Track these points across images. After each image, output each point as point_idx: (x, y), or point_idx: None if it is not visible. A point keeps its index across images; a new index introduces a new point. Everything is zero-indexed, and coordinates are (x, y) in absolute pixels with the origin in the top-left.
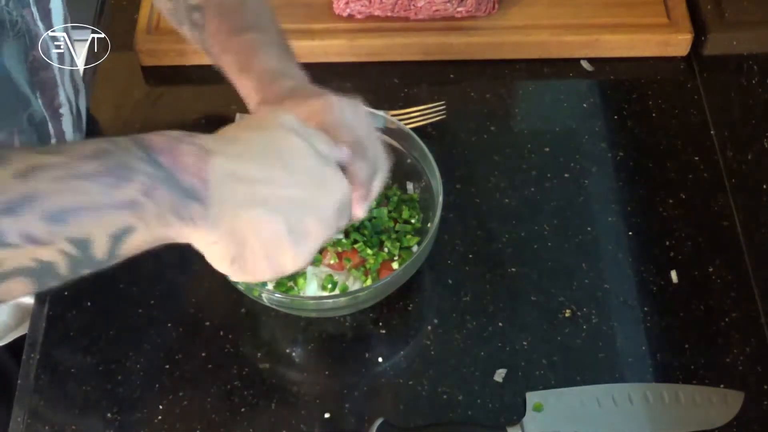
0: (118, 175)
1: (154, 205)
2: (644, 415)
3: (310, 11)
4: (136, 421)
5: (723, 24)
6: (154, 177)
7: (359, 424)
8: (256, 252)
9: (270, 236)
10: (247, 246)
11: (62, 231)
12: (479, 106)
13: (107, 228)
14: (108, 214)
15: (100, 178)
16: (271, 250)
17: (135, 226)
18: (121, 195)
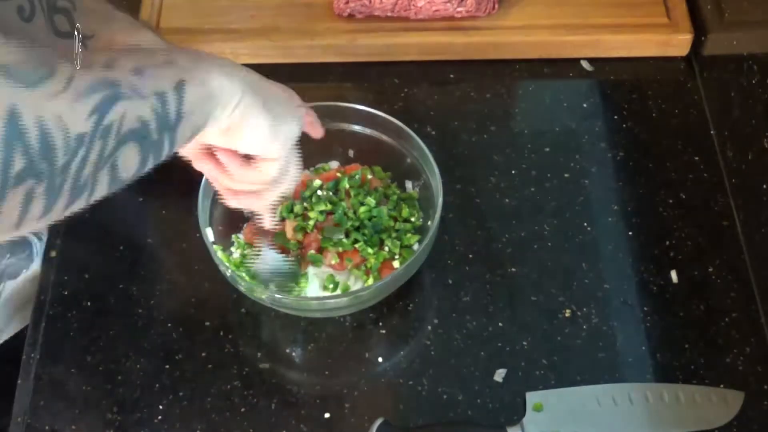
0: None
1: (182, 59)
2: (644, 415)
3: (310, 11)
4: (136, 421)
5: (723, 24)
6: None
7: (359, 424)
8: (275, 100)
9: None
10: (267, 94)
11: (145, 82)
12: (479, 106)
13: (168, 79)
14: (162, 69)
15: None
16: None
17: (184, 79)
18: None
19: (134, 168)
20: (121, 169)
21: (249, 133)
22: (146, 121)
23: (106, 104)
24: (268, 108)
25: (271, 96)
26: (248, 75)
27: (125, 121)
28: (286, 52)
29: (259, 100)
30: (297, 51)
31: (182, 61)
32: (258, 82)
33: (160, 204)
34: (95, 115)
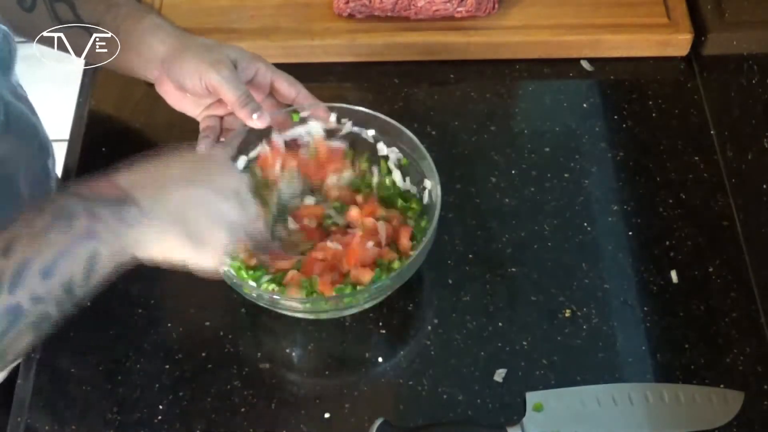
0: (65, 216)
1: (102, 224)
2: (644, 415)
3: (310, 11)
4: (136, 421)
5: (723, 24)
6: (89, 206)
7: (359, 424)
8: (199, 221)
9: (198, 201)
10: (189, 219)
11: (53, 281)
12: (479, 106)
13: (80, 261)
14: (75, 249)
15: (55, 227)
16: (209, 212)
17: (98, 249)
18: (76, 230)
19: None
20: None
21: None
22: (48, 314)
23: (3, 334)
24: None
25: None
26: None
27: (24, 327)
28: (286, 52)
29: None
30: (297, 51)
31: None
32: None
33: None
34: None
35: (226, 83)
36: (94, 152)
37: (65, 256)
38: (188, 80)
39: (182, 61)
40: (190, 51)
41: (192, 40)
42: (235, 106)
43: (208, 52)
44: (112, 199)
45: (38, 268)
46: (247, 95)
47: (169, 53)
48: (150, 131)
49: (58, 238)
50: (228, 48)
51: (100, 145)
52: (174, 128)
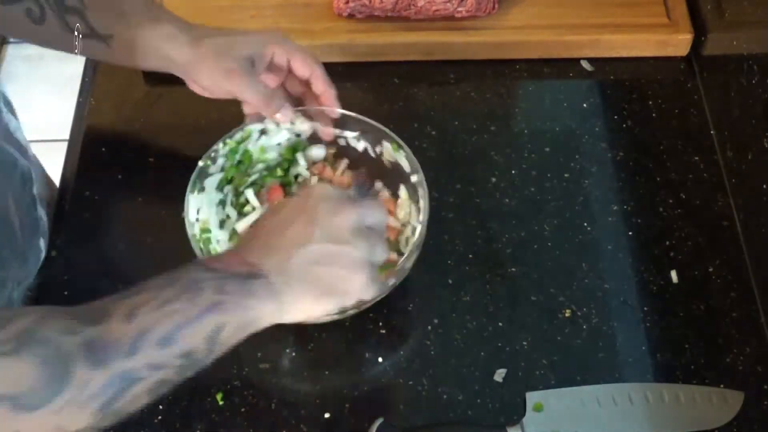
0: (193, 289)
1: (229, 297)
2: (644, 415)
3: (310, 11)
4: (136, 421)
5: (723, 24)
6: (218, 278)
7: (359, 424)
8: (331, 273)
9: (320, 256)
10: (322, 277)
11: (172, 350)
12: (479, 106)
13: (203, 333)
14: (200, 321)
15: (182, 297)
16: (336, 262)
17: (224, 322)
18: (202, 302)
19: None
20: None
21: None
22: (167, 380)
23: (116, 397)
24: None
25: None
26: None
27: (140, 392)
28: None
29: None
30: None
31: (233, 296)
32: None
33: (160, 204)
34: (101, 410)
35: (243, 91)
36: (94, 152)
37: (187, 327)
38: (209, 88)
39: (199, 72)
40: (203, 61)
41: (205, 45)
42: (259, 108)
43: (221, 58)
44: (242, 273)
45: (158, 336)
46: (265, 96)
47: (186, 62)
48: (150, 131)
49: (183, 308)
50: (242, 44)
51: (100, 145)
52: (174, 128)
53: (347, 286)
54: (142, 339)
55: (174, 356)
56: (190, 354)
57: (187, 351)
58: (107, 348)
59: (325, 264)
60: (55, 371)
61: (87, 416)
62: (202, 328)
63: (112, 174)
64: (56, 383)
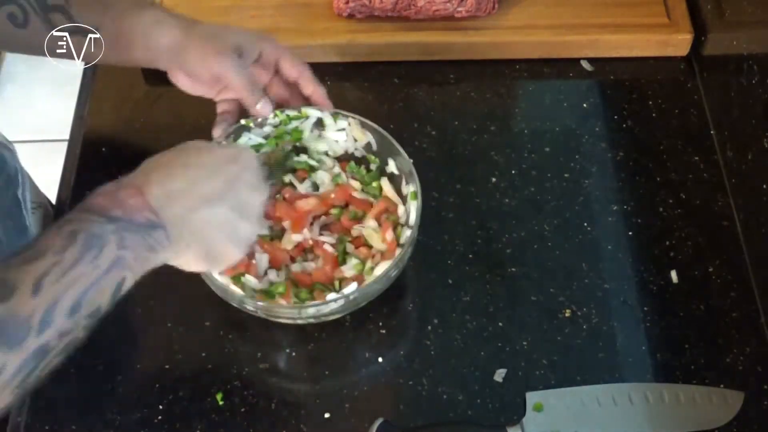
0: (96, 246)
1: (130, 252)
2: (644, 415)
3: (310, 11)
4: (136, 421)
5: (723, 24)
6: (119, 230)
7: (359, 424)
8: (218, 239)
9: (220, 221)
10: (208, 239)
11: (80, 315)
12: (479, 106)
13: (108, 291)
14: (104, 281)
15: (85, 258)
16: (228, 231)
17: (125, 275)
18: (105, 261)
19: (54, 367)
20: None
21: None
22: (75, 340)
23: (32, 372)
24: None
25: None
26: (203, 216)
27: (52, 359)
28: None
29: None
30: (297, 51)
31: (134, 251)
32: (209, 227)
33: None
34: (19, 387)
35: (230, 72)
36: (94, 152)
37: (92, 290)
38: (196, 71)
39: (187, 53)
40: (193, 41)
41: (195, 29)
42: (241, 94)
43: (212, 40)
44: (143, 223)
45: (66, 306)
46: (251, 83)
47: (173, 45)
48: (150, 131)
49: (87, 271)
50: (232, 33)
51: (100, 145)
52: (174, 128)
53: (228, 257)
54: (52, 312)
55: (82, 319)
56: (96, 312)
57: (93, 311)
58: (18, 328)
59: (222, 231)
60: None
61: (7, 397)
62: (106, 287)
63: (112, 174)
64: None
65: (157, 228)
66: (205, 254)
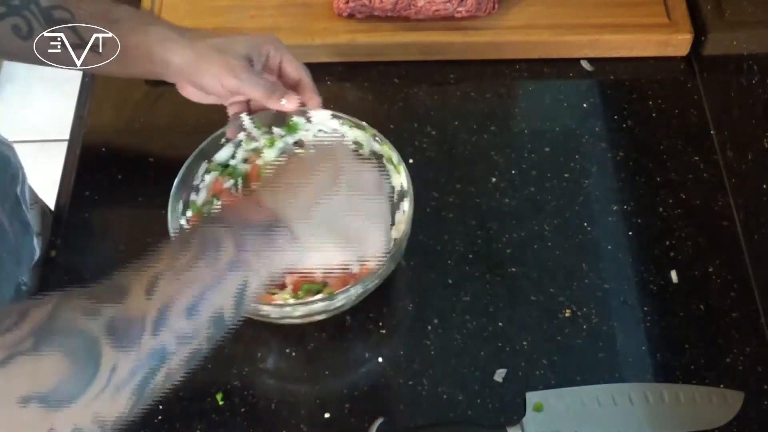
0: (212, 249)
1: (250, 252)
2: (644, 415)
3: (310, 11)
4: (136, 421)
5: (723, 24)
6: (236, 233)
7: (359, 424)
8: (355, 223)
9: (343, 204)
10: (346, 225)
11: (200, 318)
12: (479, 106)
13: (229, 293)
14: (224, 282)
15: (202, 260)
16: (357, 212)
17: (247, 277)
18: (223, 262)
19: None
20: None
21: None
22: (199, 350)
23: (149, 377)
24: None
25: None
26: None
27: (173, 367)
28: None
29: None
30: (297, 51)
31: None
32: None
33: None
34: (136, 393)
35: (245, 85)
36: (94, 152)
37: (212, 291)
38: (209, 86)
39: (198, 71)
40: (204, 60)
41: (202, 46)
42: (263, 100)
43: (221, 56)
44: (261, 224)
45: (183, 306)
46: (269, 87)
47: (183, 64)
48: (150, 131)
49: (205, 272)
50: (239, 43)
51: (100, 145)
52: (174, 128)
53: (367, 237)
54: (167, 312)
55: (202, 324)
56: (218, 318)
57: (215, 316)
58: (131, 328)
59: (349, 214)
60: (81, 361)
61: (123, 402)
62: (227, 290)
63: (112, 174)
64: (85, 373)
65: (278, 226)
66: (345, 241)
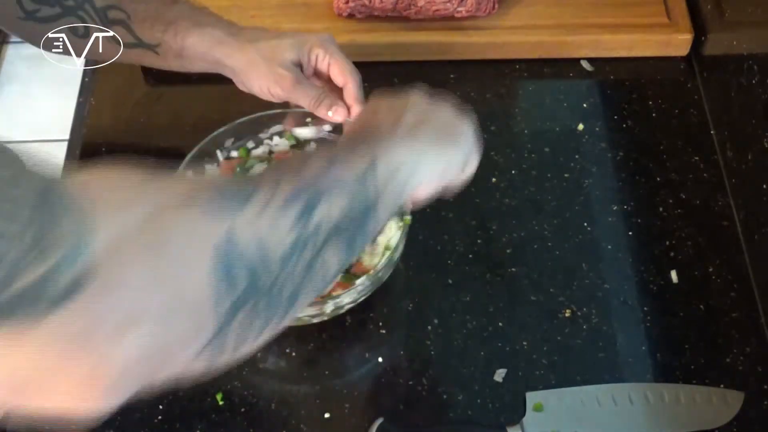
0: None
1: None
2: (644, 415)
3: (310, 11)
4: (136, 421)
5: (723, 24)
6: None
7: (359, 424)
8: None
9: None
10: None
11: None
12: (479, 106)
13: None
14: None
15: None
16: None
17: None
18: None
19: (339, 263)
20: (329, 266)
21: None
22: (349, 210)
23: (309, 209)
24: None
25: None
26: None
27: (329, 217)
28: None
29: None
30: None
31: (367, 143)
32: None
33: None
34: (300, 222)
35: (294, 94)
36: (94, 152)
37: (349, 154)
38: (258, 93)
39: (248, 78)
40: (252, 67)
41: (252, 52)
42: (311, 110)
43: (268, 65)
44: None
45: (327, 156)
46: (317, 97)
47: (235, 68)
48: (150, 131)
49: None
50: (287, 49)
51: (100, 145)
52: (174, 128)
53: (458, 128)
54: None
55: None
56: (361, 181)
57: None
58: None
59: (428, 118)
60: None
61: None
62: (359, 157)
63: None
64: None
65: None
66: (440, 141)
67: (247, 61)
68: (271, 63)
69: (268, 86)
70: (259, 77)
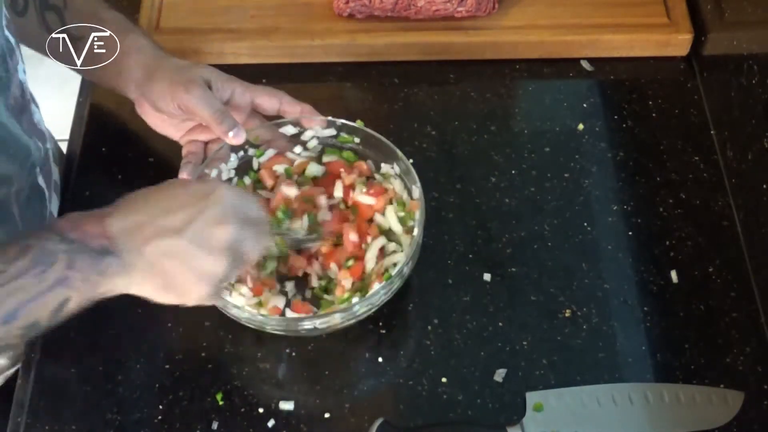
0: (44, 262)
1: (79, 273)
2: (644, 415)
3: (310, 11)
4: (136, 421)
5: (723, 24)
6: (71, 251)
7: (359, 424)
8: (176, 272)
9: (176, 253)
10: (168, 271)
11: (14, 325)
12: (479, 106)
13: (48, 307)
14: (46, 297)
15: (31, 272)
16: (187, 265)
17: (69, 296)
18: (51, 277)
19: None
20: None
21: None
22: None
23: None
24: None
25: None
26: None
27: None
28: (286, 52)
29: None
30: (297, 51)
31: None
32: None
33: None
34: None
35: (198, 101)
36: (94, 152)
37: (32, 303)
38: (161, 101)
39: (154, 83)
40: (161, 72)
41: (166, 62)
42: (211, 123)
43: (180, 72)
44: (96, 248)
45: (2, 312)
46: (221, 112)
47: (143, 75)
48: (150, 131)
49: (31, 283)
50: (201, 68)
51: (100, 145)
52: None
53: (188, 290)
54: None
55: (16, 329)
56: (32, 325)
57: (29, 324)
58: None
59: (178, 262)
60: None
61: None
62: (46, 303)
63: (112, 174)
64: None
65: (110, 254)
66: (163, 286)
67: (156, 67)
68: (183, 71)
69: (172, 91)
70: (167, 81)
